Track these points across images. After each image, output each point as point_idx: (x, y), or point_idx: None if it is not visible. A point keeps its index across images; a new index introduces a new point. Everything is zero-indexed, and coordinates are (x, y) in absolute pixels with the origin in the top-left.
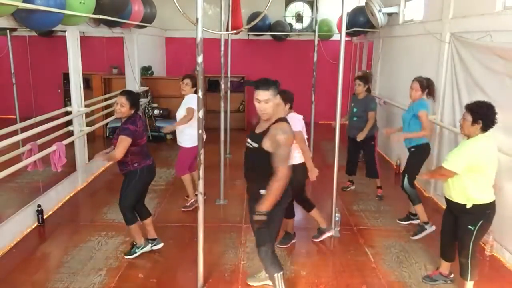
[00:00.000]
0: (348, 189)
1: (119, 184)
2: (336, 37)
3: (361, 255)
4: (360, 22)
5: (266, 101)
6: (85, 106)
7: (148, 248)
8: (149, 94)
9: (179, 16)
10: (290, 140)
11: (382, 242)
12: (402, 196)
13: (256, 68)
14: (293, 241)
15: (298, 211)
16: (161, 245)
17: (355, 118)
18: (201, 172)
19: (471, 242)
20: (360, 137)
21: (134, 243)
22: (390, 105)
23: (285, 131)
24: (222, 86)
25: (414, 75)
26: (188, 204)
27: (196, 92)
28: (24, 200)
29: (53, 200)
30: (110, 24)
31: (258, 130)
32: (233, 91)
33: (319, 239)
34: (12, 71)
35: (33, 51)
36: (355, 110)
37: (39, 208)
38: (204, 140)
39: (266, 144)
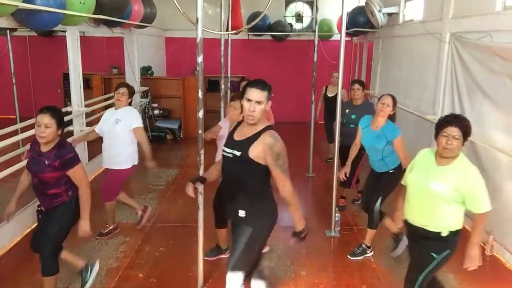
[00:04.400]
0: (359, 201)
1: None
2: (336, 37)
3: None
4: (360, 22)
5: (258, 103)
6: (85, 106)
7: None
8: (149, 94)
9: (179, 16)
10: (285, 148)
11: (382, 242)
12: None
13: (256, 68)
14: (222, 256)
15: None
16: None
17: (352, 125)
18: (201, 172)
19: (427, 271)
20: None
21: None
22: None
23: (279, 139)
24: (222, 86)
25: (414, 75)
26: (106, 231)
27: (130, 103)
28: (24, 200)
29: None
30: (110, 24)
31: (239, 137)
32: (233, 91)
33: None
34: (12, 71)
35: (33, 51)
36: (353, 116)
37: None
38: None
39: (254, 153)
